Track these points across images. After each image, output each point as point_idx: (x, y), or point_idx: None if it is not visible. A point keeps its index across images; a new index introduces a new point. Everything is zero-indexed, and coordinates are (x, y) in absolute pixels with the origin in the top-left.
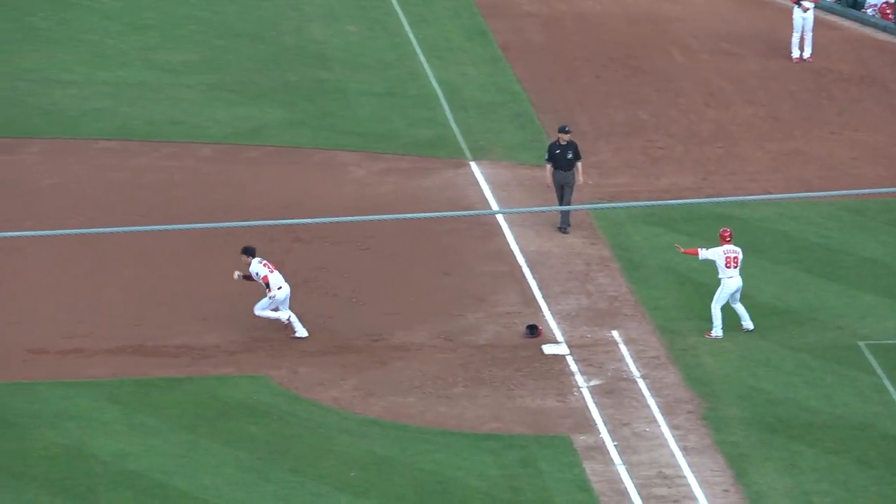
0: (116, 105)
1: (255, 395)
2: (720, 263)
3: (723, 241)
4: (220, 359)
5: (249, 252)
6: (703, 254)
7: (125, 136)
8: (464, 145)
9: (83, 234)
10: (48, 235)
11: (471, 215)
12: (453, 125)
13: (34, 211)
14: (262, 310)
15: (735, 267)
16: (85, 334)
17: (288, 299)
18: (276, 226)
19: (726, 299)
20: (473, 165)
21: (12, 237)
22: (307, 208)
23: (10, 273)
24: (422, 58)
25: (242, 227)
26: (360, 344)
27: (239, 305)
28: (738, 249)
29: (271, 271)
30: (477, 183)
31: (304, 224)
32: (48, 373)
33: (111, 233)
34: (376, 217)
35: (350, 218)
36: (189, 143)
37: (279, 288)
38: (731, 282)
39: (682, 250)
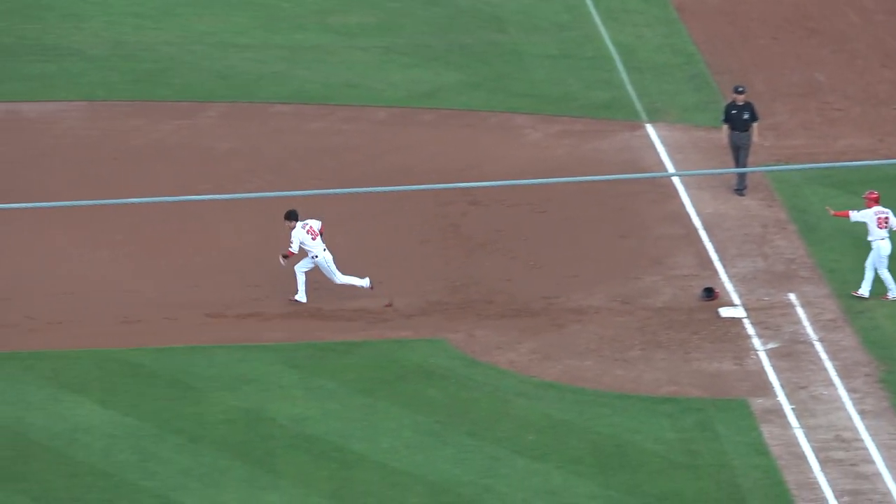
0: (292, 68)
1: (432, 358)
2: (872, 225)
3: (871, 203)
4: (396, 322)
5: (293, 216)
6: (854, 216)
7: (301, 100)
8: (639, 107)
9: (260, 197)
10: (225, 199)
11: (647, 178)
12: (629, 87)
13: (212, 175)
14: (301, 270)
15: (885, 227)
16: (262, 298)
17: (332, 262)
18: (453, 189)
19: (886, 260)
20: (649, 128)
21: (191, 201)
22: (483, 171)
23: (188, 237)
24: (597, 20)
25: (418, 190)
26: (536, 307)
27: (415, 269)
28: (888, 210)
29: (314, 238)
30: (653, 145)
31: (480, 187)
32: (226, 337)
33: (286, 196)
34: (553, 180)
35: (526, 181)
36: (364, 106)
37: (324, 250)
38: (884, 243)
39: (833, 213)
